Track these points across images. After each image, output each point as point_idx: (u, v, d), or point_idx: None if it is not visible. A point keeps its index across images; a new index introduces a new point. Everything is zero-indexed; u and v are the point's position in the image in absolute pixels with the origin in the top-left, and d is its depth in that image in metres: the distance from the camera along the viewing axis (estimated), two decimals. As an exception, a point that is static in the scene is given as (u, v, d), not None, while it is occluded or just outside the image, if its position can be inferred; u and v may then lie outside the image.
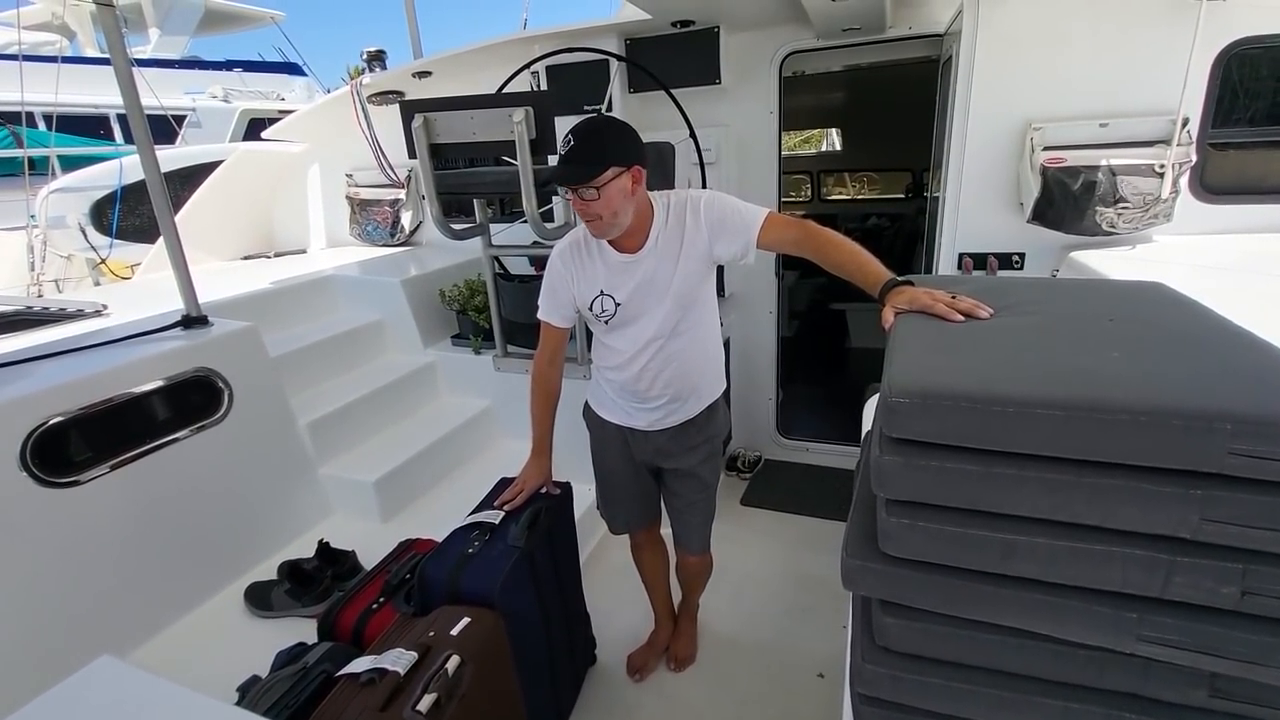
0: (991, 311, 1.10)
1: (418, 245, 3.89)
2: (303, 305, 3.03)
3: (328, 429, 2.53)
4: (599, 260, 1.62)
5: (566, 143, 1.45)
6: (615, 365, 1.72)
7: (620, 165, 1.45)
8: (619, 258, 1.60)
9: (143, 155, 2.12)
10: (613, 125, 1.50)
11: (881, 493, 0.85)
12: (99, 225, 4.42)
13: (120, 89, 2.03)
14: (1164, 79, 2.37)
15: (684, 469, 1.83)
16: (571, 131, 1.45)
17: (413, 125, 2.27)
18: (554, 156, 2.46)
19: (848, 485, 3.21)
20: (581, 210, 1.48)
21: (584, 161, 1.43)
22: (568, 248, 1.66)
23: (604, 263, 1.62)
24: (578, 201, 1.47)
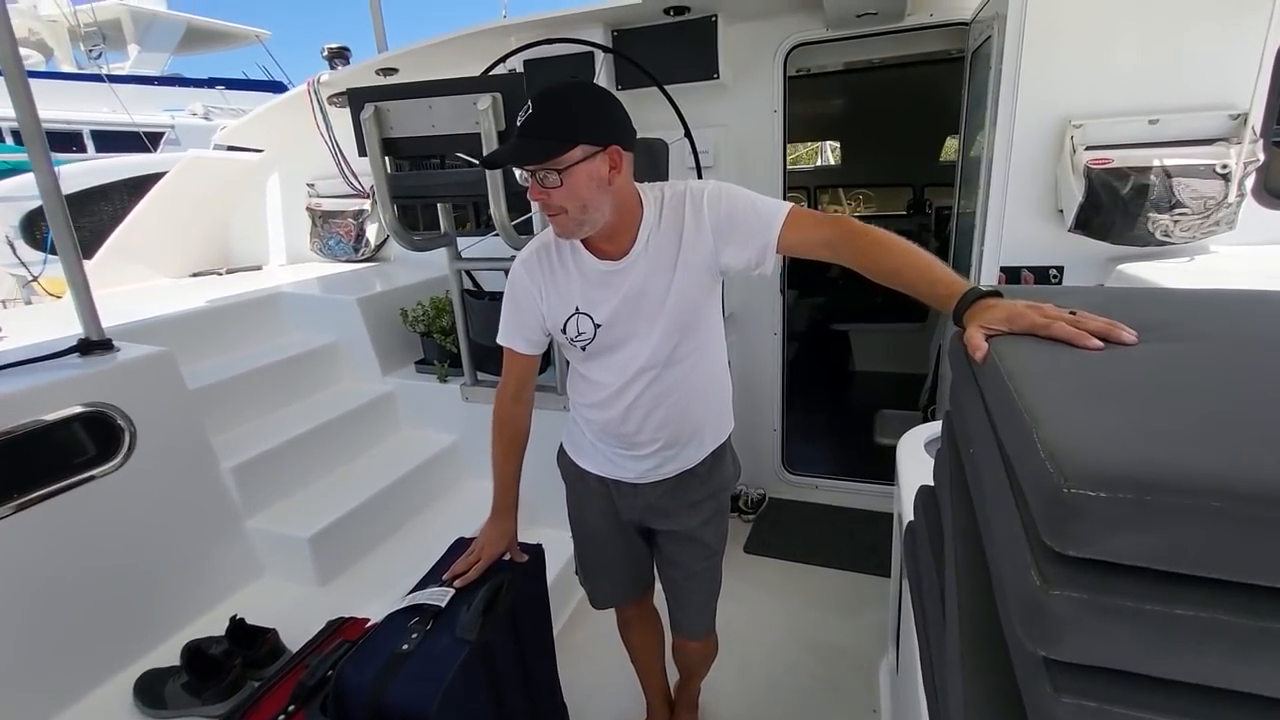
0: (1136, 335, 0.75)
1: (384, 261, 3.54)
2: (244, 326, 2.65)
3: (259, 473, 2.14)
4: (574, 269, 1.28)
5: (525, 111, 1.10)
6: (595, 402, 1.37)
7: (593, 144, 1.10)
8: (599, 265, 1.25)
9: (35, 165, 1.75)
10: (588, 92, 1.15)
11: (1049, 651, 0.50)
12: (31, 240, 4.04)
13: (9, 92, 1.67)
14: (1220, 71, 2.09)
15: (682, 531, 1.47)
16: (533, 98, 1.11)
17: (361, 116, 1.93)
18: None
19: (864, 528, 2.89)
20: (540, 201, 1.14)
21: (543, 135, 1.09)
22: (534, 254, 1.31)
23: (580, 273, 1.27)
24: (535, 190, 1.13)
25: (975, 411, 0.84)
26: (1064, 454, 0.49)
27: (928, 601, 0.99)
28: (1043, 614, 0.48)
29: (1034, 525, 0.51)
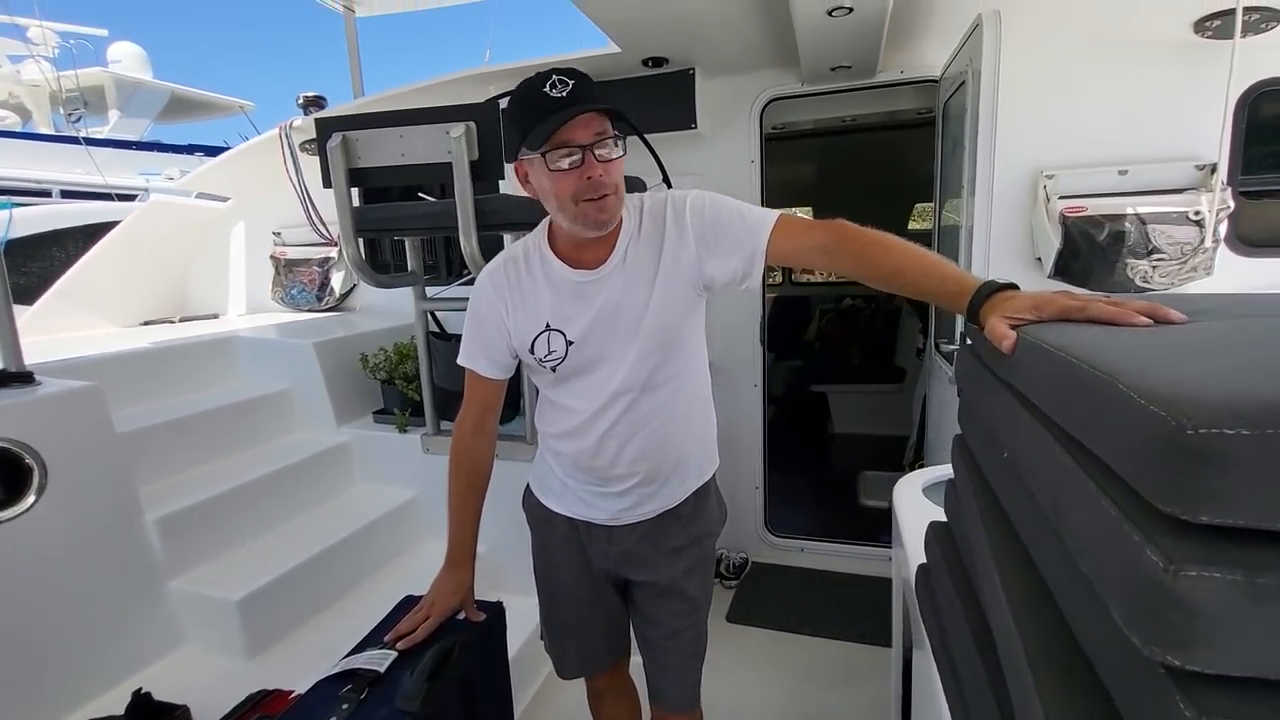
0: (1184, 316, 0.66)
1: (349, 310, 3.40)
2: (191, 370, 2.46)
3: (188, 527, 1.91)
4: (543, 281, 1.17)
5: (560, 83, 0.98)
6: (566, 431, 1.23)
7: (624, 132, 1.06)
8: (572, 275, 1.15)
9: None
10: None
11: (1180, 657, 0.36)
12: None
13: None
14: (1183, 123, 2.16)
15: (662, 583, 1.30)
16: (556, 72, 0.99)
17: (328, 145, 1.86)
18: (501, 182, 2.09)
19: (855, 594, 2.70)
20: (595, 181, 1.01)
21: (605, 103, 1.00)
22: (500, 266, 1.20)
23: (551, 284, 1.16)
24: (593, 166, 1.00)
25: (1006, 413, 0.73)
26: (1176, 394, 0.38)
27: (956, 647, 0.85)
28: (1169, 605, 0.35)
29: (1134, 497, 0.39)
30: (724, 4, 1.92)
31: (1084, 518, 0.48)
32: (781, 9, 1.92)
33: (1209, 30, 2.05)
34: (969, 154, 1.82)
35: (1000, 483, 0.76)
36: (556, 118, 0.97)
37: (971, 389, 0.96)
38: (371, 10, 3.12)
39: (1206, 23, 2.03)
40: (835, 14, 1.80)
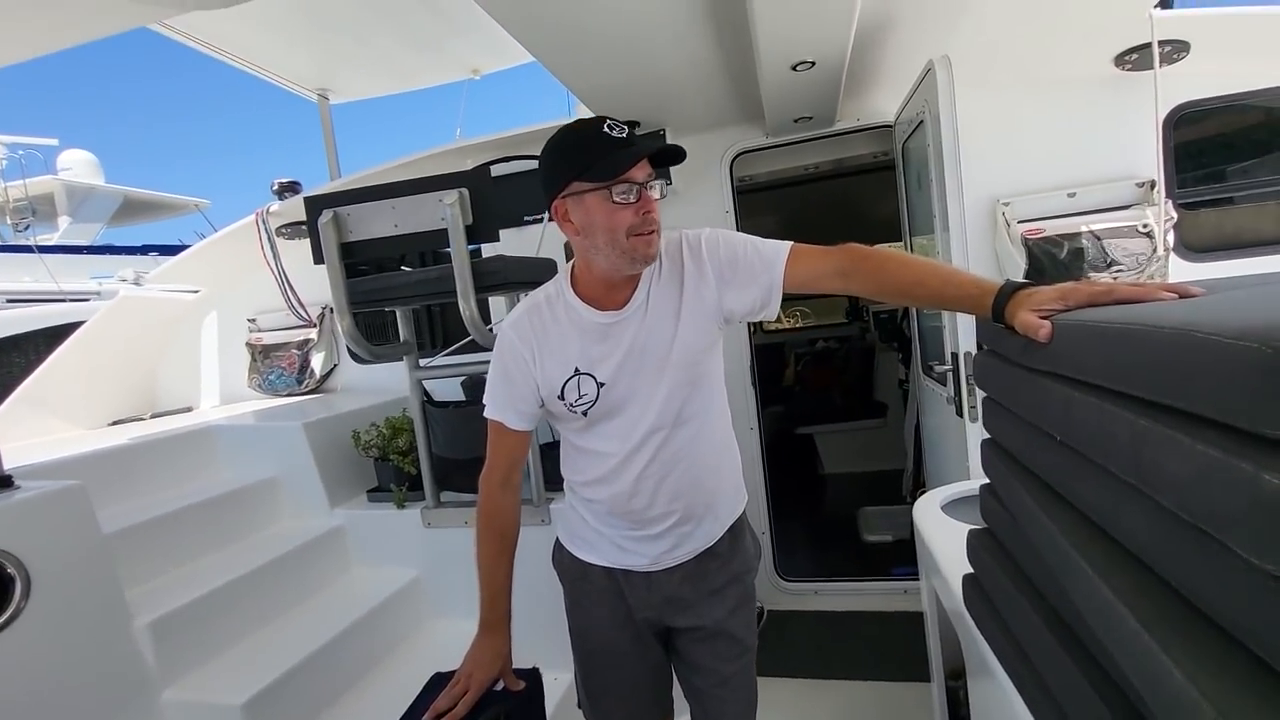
0: (1203, 290, 0.71)
1: (331, 392, 3.33)
2: (170, 463, 2.36)
3: (181, 630, 1.78)
4: (568, 326, 1.18)
5: (615, 126, 1.05)
6: (599, 477, 1.21)
7: None
8: (597, 317, 1.16)
9: None
10: None
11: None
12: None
13: None
14: (1119, 146, 2.35)
15: (708, 626, 1.26)
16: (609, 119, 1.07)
17: (320, 222, 1.87)
18: (490, 245, 2.11)
19: (876, 631, 2.64)
20: (648, 216, 1.06)
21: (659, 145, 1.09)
22: (524, 315, 1.21)
23: (577, 328, 1.17)
24: (648, 203, 1.06)
25: (1052, 399, 0.76)
26: (1258, 329, 0.41)
27: (1031, 645, 0.84)
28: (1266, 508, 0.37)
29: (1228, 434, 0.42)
30: (693, 66, 2.05)
31: (1180, 468, 0.50)
32: (747, 67, 2.06)
33: (1128, 63, 2.27)
34: (937, 189, 1.94)
35: (1054, 469, 0.78)
36: (628, 153, 1.03)
37: (999, 389, 0.99)
38: (346, 96, 3.23)
39: (1125, 57, 2.25)
40: (799, 68, 1.94)
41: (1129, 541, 0.61)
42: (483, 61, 3.12)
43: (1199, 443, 0.48)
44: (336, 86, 3.17)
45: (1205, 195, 2.40)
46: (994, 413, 1.02)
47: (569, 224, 1.11)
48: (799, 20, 1.63)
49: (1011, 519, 0.93)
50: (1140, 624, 0.54)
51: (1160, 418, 0.54)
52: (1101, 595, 0.60)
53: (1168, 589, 0.55)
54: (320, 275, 1.95)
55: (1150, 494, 0.55)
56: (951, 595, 1.27)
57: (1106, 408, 0.62)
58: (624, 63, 1.97)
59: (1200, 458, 0.47)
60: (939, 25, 2.11)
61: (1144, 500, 0.57)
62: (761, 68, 1.93)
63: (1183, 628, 0.51)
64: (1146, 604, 0.55)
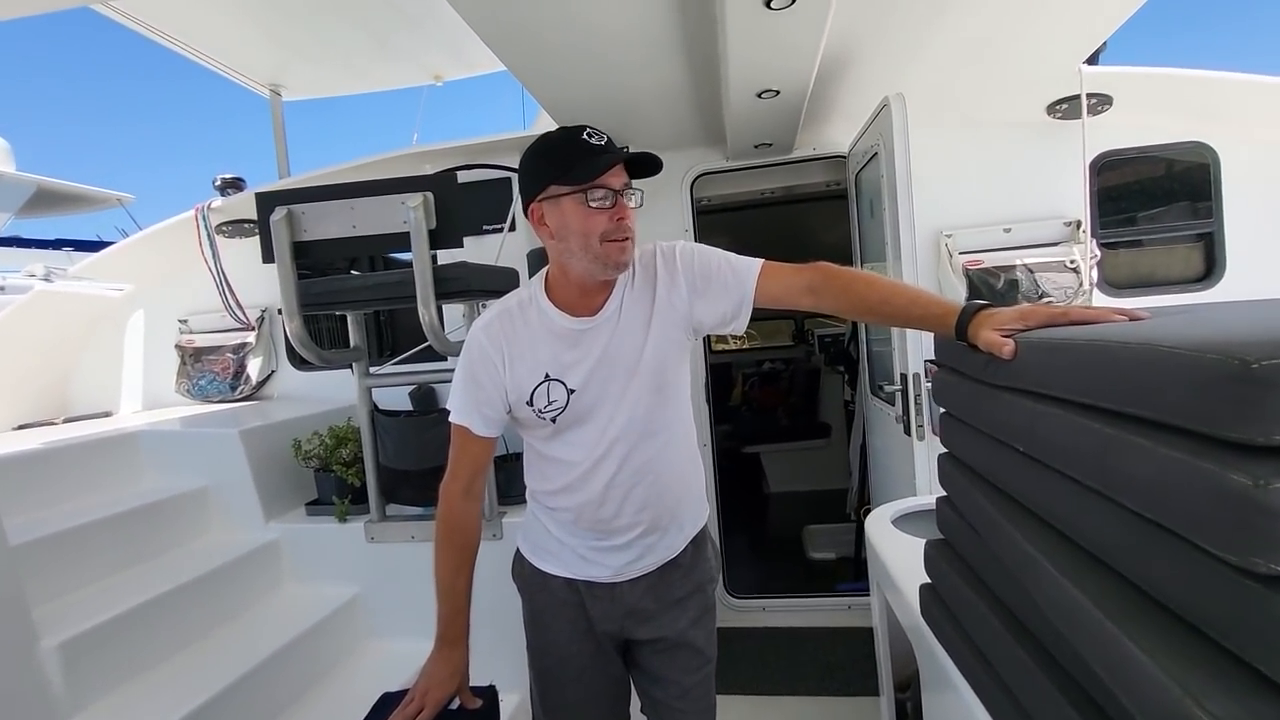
0: (1149, 314, 0.78)
1: (267, 399, 3.16)
2: (88, 471, 2.18)
3: (94, 651, 1.64)
4: (540, 331, 1.17)
5: (594, 134, 1.07)
6: (566, 485, 1.19)
7: None
8: (570, 324, 1.16)
9: None
10: None
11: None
12: None
13: None
14: (1049, 187, 2.53)
15: (670, 637, 1.26)
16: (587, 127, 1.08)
17: (272, 218, 1.79)
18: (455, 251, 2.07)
19: (822, 648, 2.68)
20: (623, 224, 1.07)
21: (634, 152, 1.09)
22: (496, 318, 1.19)
23: (549, 333, 1.16)
24: (623, 210, 1.07)
25: (1016, 412, 0.80)
26: (1221, 343, 0.45)
27: (992, 649, 0.87)
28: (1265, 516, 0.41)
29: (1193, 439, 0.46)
30: (662, 87, 2.09)
31: (1146, 471, 0.53)
32: (713, 92, 2.11)
33: (1058, 112, 2.46)
34: (889, 218, 2.03)
35: (1016, 480, 0.82)
36: (605, 159, 1.04)
37: (959, 404, 1.04)
38: (300, 94, 3.12)
39: (1056, 106, 2.44)
40: (764, 96, 2.01)
41: (1093, 544, 0.64)
42: (446, 68, 3.08)
43: (1164, 447, 0.51)
44: (290, 82, 3.05)
45: (1125, 237, 2.61)
46: (952, 428, 1.07)
47: (544, 227, 1.11)
48: (768, 50, 1.69)
49: (970, 529, 0.97)
50: (1110, 622, 0.57)
51: (1126, 426, 0.57)
52: (1070, 597, 0.63)
53: (1131, 587, 0.59)
54: (261, 277, 1.87)
55: (1115, 498, 0.59)
56: (906, 607, 1.31)
57: (1072, 419, 0.66)
58: (594, 78, 1.99)
59: (1166, 461, 0.51)
60: (891, 66, 2.23)
61: (1108, 505, 0.61)
62: (728, 93, 1.98)
63: (1148, 621, 0.54)
64: (1113, 603, 0.58)
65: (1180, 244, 2.60)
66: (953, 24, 1.96)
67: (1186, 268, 2.62)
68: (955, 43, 2.09)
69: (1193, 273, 2.62)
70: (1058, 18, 1.95)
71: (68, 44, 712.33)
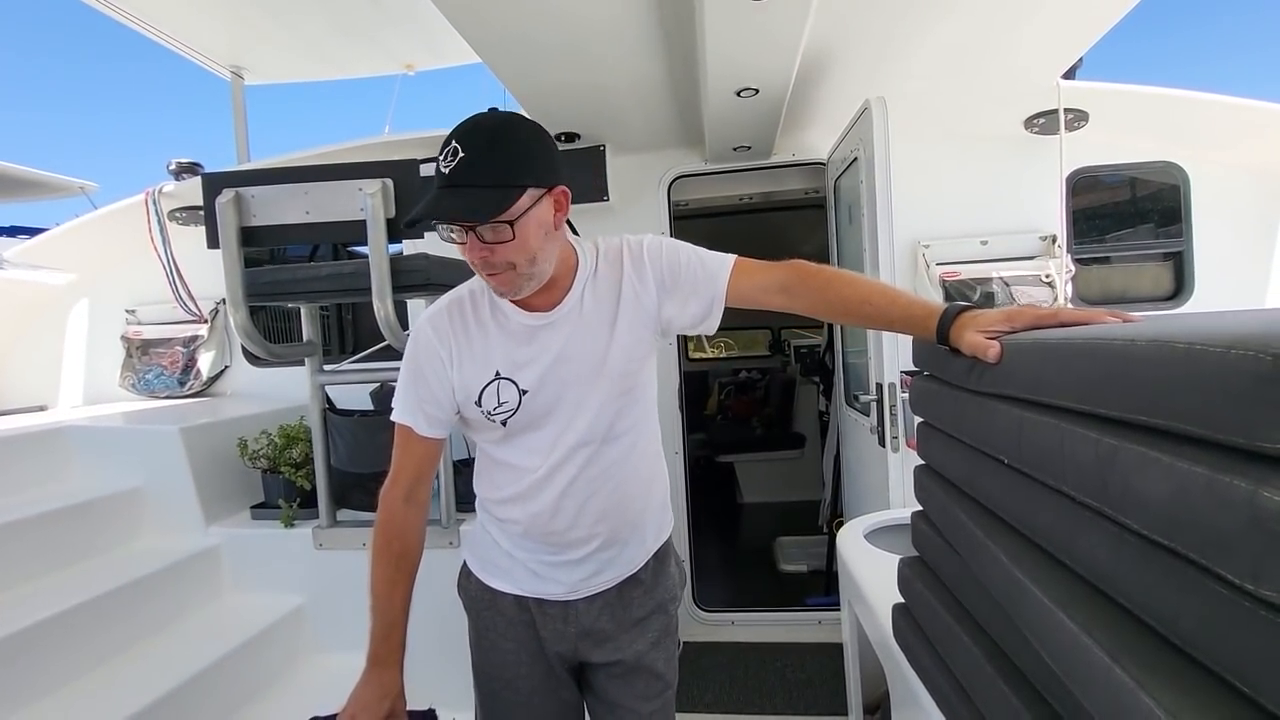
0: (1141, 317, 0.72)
1: (217, 396, 3.01)
2: (10, 467, 2.02)
3: (5, 664, 1.49)
4: (492, 326, 1.08)
5: (452, 154, 0.91)
6: (516, 494, 1.10)
7: (540, 185, 0.95)
8: (525, 319, 1.07)
9: None
10: (525, 123, 1.00)
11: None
12: None
13: None
14: (1026, 201, 2.53)
15: (627, 660, 1.17)
16: (458, 135, 0.93)
17: (218, 201, 1.68)
18: (415, 242, 1.98)
19: (792, 664, 2.60)
20: (481, 261, 0.95)
21: (488, 182, 0.91)
22: (444, 310, 1.09)
23: (501, 329, 1.07)
24: (475, 248, 0.94)
25: (1001, 420, 0.74)
26: (1261, 337, 0.39)
27: (967, 676, 0.81)
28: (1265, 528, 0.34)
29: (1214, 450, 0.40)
30: (639, 82, 2.02)
31: (1156, 488, 0.47)
32: (690, 89, 2.06)
33: (1035, 127, 2.46)
34: (868, 225, 1.99)
35: (1001, 494, 0.76)
36: (427, 205, 0.92)
37: (938, 414, 0.98)
38: (263, 78, 2.98)
39: (1033, 120, 2.43)
40: (743, 94, 1.95)
41: (1088, 569, 0.58)
42: (417, 57, 2.98)
43: (1180, 460, 0.45)
44: (253, 65, 2.92)
45: (1097, 253, 2.61)
46: (930, 438, 1.01)
47: None
48: (748, 44, 1.64)
49: (948, 547, 0.91)
50: (1107, 656, 0.50)
51: (1131, 435, 0.51)
52: (1061, 627, 0.56)
53: (1131, 618, 0.52)
54: (215, 266, 1.75)
55: (1116, 517, 0.53)
56: (877, 625, 1.25)
57: (1066, 427, 0.60)
58: (569, 70, 1.91)
59: (1181, 476, 0.44)
60: (872, 74, 2.20)
61: (1107, 524, 0.54)
62: (707, 90, 1.93)
63: (1153, 658, 0.48)
64: (1111, 635, 0.52)
65: (1150, 262, 2.61)
66: (934, 30, 1.93)
67: (1156, 286, 2.63)
68: (936, 50, 2.06)
69: (1162, 291, 2.63)
70: (1038, 28, 1.93)
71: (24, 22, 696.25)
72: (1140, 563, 0.50)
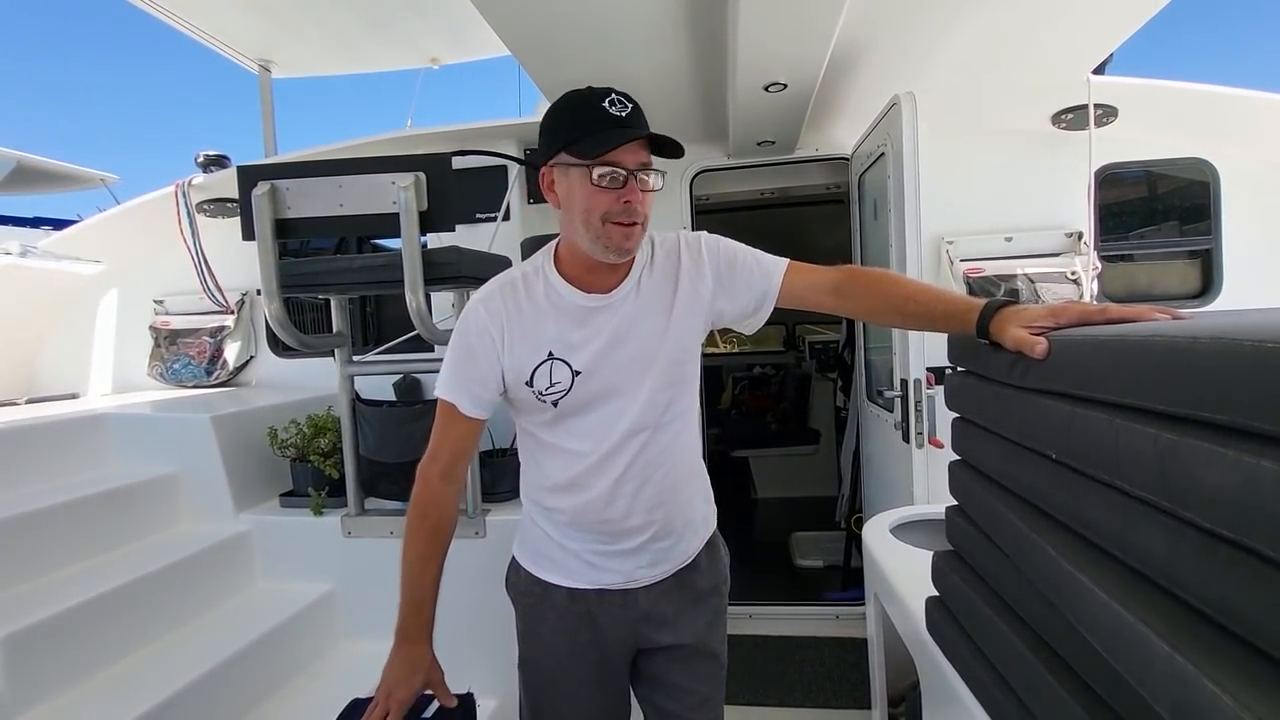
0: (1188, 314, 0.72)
1: (244, 386, 3.06)
2: (50, 453, 2.07)
3: (43, 648, 1.53)
4: (546, 306, 1.08)
5: (620, 102, 0.99)
6: (569, 480, 1.11)
7: None
8: (581, 300, 1.07)
9: None
10: None
11: None
12: None
13: None
14: (1055, 195, 2.51)
15: (690, 643, 1.18)
16: (618, 91, 1.00)
17: (254, 193, 1.71)
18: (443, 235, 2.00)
19: (810, 657, 2.63)
20: (626, 207, 0.98)
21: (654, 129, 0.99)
22: (498, 290, 1.09)
23: (555, 309, 1.07)
24: (633, 190, 0.98)
25: (1049, 416, 0.74)
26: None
27: (1011, 670, 0.82)
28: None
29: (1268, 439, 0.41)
30: (664, 74, 2.03)
31: (1222, 481, 0.47)
32: (718, 82, 2.06)
33: (1063, 122, 2.44)
34: (895, 219, 1.98)
35: (1046, 489, 0.76)
36: (617, 134, 0.96)
37: (977, 409, 0.99)
38: (291, 72, 3.01)
39: (1061, 116, 2.41)
40: (771, 89, 1.95)
41: (1142, 560, 0.59)
42: (443, 51, 3.00)
43: (1247, 454, 0.46)
44: (281, 59, 2.95)
45: (1123, 250, 2.59)
46: (968, 434, 1.02)
47: (553, 194, 1.04)
48: (779, 37, 1.64)
49: (987, 540, 0.92)
50: (1168, 645, 0.51)
51: (1192, 430, 0.52)
52: (1117, 618, 0.57)
53: (1188, 609, 0.53)
54: (242, 259, 1.78)
55: (1175, 510, 0.53)
56: (907, 619, 1.26)
57: (1120, 423, 0.60)
58: (594, 60, 1.92)
59: (1250, 469, 0.45)
60: (900, 67, 2.19)
61: (1164, 518, 0.55)
62: (734, 83, 1.93)
63: (1215, 647, 0.49)
64: (1170, 624, 0.53)
65: (1177, 259, 2.59)
66: (963, 23, 1.92)
67: (1183, 283, 2.61)
68: (965, 44, 2.05)
69: (1189, 289, 2.60)
70: (1071, 23, 1.92)
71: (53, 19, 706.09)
72: (1201, 554, 0.51)
